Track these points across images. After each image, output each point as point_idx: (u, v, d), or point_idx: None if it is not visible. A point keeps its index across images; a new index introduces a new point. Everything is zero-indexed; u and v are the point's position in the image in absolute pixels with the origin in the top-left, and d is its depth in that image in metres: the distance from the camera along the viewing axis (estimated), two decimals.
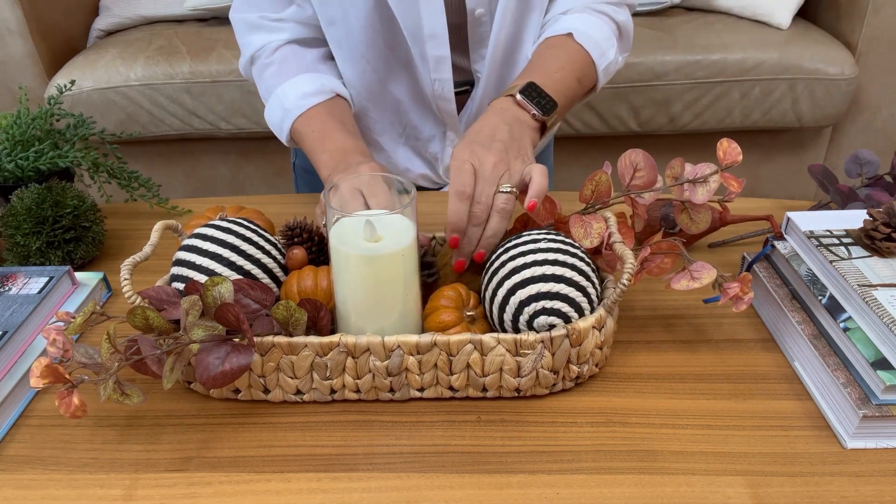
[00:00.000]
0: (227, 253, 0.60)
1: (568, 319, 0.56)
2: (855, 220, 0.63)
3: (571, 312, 0.56)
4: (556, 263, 0.56)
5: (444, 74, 0.83)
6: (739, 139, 0.77)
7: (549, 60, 0.78)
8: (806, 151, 1.79)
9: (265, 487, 0.51)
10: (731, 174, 0.63)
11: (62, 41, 1.77)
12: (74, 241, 0.76)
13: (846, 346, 0.55)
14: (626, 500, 0.50)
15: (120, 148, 0.89)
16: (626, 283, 0.56)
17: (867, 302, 0.54)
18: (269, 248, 0.63)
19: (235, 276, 0.60)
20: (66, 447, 0.55)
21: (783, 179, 1.82)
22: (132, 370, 0.54)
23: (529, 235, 0.59)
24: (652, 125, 1.69)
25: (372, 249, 0.55)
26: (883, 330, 0.52)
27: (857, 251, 0.60)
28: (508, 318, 0.57)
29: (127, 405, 0.52)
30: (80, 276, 0.73)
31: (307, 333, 0.57)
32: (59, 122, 0.86)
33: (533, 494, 0.50)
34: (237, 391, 0.59)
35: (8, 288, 0.67)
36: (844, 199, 0.74)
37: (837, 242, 0.61)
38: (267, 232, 0.65)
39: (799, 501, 0.49)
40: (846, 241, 0.61)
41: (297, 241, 0.66)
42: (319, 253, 0.67)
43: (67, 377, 0.51)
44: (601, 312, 0.57)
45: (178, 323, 0.54)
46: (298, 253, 0.65)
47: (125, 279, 0.58)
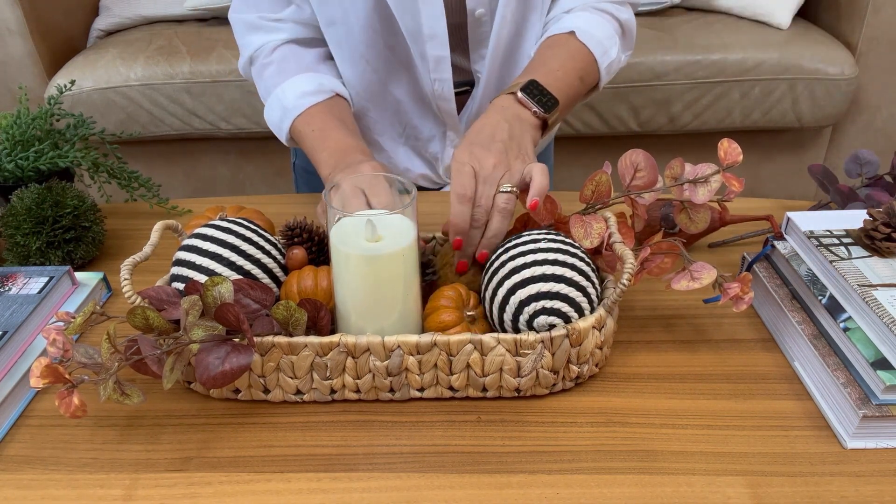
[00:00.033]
0: (227, 253, 0.60)
1: (568, 319, 0.56)
2: (855, 220, 0.63)
3: (571, 312, 0.56)
4: (556, 263, 0.56)
5: (444, 74, 0.83)
6: (739, 139, 0.76)
7: (550, 59, 0.78)
8: (806, 151, 1.79)
9: (265, 487, 0.51)
10: (731, 174, 0.63)
11: (62, 41, 1.77)
12: (74, 241, 0.76)
13: (846, 346, 0.55)
14: (626, 500, 0.50)
15: (120, 148, 0.89)
16: (626, 283, 0.56)
17: (867, 302, 0.54)
18: (269, 248, 0.63)
19: (235, 276, 0.60)
20: (66, 447, 0.55)
21: (783, 179, 1.82)
22: (132, 370, 0.54)
23: (529, 235, 0.59)
24: (652, 125, 1.69)
25: (372, 249, 0.55)
26: (883, 330, 0.52)
27: (857, 251, 0.60)
28: (508, 317, 0.57)
29: (127, 405, 0.52)
30: (80, 276, 0.73)
31: (307, 333, 0.57)
32: (59, 122, 0.86)
33: (533, 494, 0.50)
34: (237, 391, 0.59)
35: (8, 288, 0.67)
36: (844, 199, 0.74)
37: (837, 242, 0.61)
38: (267, 232, 0.65)
39: (799, 501, 0.49)
40: (846, 241, 0.61)
41: (297, 241, 0.66)
42: (319, 253, 0.67)
43: (67, 377, 0.51)
44: (601, 312, 0.57)
45: (178, 323, 0.54)
46: (298, 253, 0.65)
47: (125, 279, 0.58)
